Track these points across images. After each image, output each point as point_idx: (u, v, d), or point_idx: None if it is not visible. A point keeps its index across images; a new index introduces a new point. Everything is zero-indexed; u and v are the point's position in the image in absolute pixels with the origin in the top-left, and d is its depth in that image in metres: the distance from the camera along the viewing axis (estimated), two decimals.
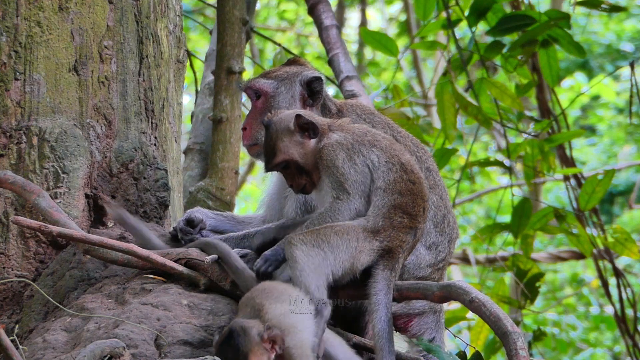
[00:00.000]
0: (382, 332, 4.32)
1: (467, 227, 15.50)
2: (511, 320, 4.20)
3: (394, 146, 4.66)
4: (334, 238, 4.40)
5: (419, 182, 4.58)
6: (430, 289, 4.41)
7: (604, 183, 7.34)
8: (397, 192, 4.50)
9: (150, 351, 4.23)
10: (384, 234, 4.46)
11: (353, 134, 4.66)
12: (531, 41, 7.27)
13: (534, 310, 9.17)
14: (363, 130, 4.69)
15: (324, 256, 4.37)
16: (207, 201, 7.30)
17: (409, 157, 4.66)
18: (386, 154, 4.59)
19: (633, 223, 16.59)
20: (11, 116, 5.09)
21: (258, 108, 5.12)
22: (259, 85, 5.13)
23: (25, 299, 4.94)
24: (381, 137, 4.68)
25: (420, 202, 4.54)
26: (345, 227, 4.44)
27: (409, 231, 4.49)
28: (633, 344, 8.26)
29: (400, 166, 4.56)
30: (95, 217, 5.14)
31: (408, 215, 4.49)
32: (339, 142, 4.62)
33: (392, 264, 4.44)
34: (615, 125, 18.18)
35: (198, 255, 4.66)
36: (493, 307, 4.23)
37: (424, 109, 10.72)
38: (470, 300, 4.28)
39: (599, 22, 18.34)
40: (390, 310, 4.37)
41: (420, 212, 4.54)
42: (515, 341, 4.14)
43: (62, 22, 5.16)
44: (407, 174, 4.55)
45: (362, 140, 4.62)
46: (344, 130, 4.68)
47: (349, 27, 19.95)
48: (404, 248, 4.48)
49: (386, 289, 4.40)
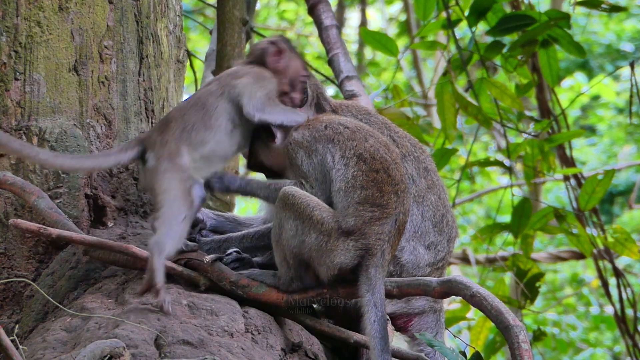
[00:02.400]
0: (374, 332, 4.30)
1: (467, 227, 15.50)
2: (513, 314, 4.19)
3: (356, 135, 4.52)
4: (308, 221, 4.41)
5: (384, 168, 4.44)
6: (430, 284, 4.39)
7: (604, 183, 7.34)
8: (359, 187, 4.40)
9: (150, 351, 4.23)
10: (357, 233, 4.38)
11: (312, 129, 4.58)
12: (531, 41, 7.26)
13: (534, 310, 9.17)
14: (325, 124, 4.59)
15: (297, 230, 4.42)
16: (207, 201, 7.30)
17: (372, 142, 4.52)
18: (341, 149, 4.48)
19: (633, 223, 16.60)
20: (11, 116, 5.09)
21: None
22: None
23: (25, 299, 4.94)
24: (343, 127, 4.56)
25: (388, 188, 4.42)
26: (320, 218, 4.42)
27: (385, 221, 4.39)
28: (633, 344, 8.26)
29: (358, 158, 4.44)
30: (95, 217, 5.14)
31: (378, 207, 4.39)
32: (297, 140, 4.57)
33: (375, 261, 4.37)
34: (615, 125, 18.18)
35: (198, 256, 4.66)
36: (494, 301, 4.23)
37: (424, 109, 10.72)
38: (471, 295, 4.27)
39: (599, 22, 18.34)
40: (381, 308, 4.32)
41: (392, 198, 4.42)
42: (517, 334, 4.14)
43: (62, 22, 5.16)
44: (366, 164, 4.43)
45: (319, 137, 4.54)
46: (305, 127, 4.61)
47: (349, 27, 19.96)
48: (385, 240, 4.39)
49: (373, 288, 4.35)
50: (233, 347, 4.33)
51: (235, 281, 4.57)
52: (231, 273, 4.58)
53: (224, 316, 4.45)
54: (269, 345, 4.46)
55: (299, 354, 4.56)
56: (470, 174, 11.05)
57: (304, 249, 4.43)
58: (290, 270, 4.48)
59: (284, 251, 4.48)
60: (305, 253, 4.44)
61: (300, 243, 4.43)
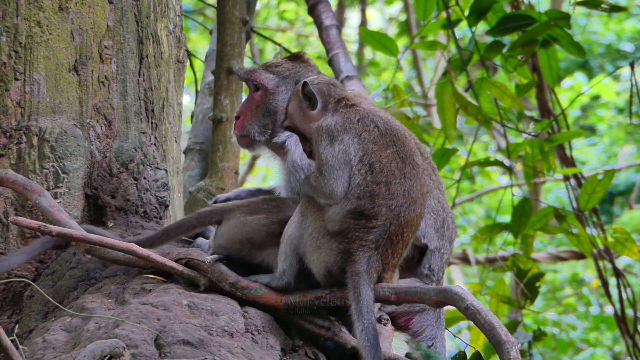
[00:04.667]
0: (362, 341, 4.28)
1: (467, 227, 15.51)
2: (505, 329, 4.16)
3: (380, 140, 4.52)
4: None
5: (386, 182, 4.44)
6: (427, 293, 4.38)
7: (604, 183, 7.34)
8: (355, 197, 4.41)
9: (150, 351, 4.23)
10: (340, 237, 4.40)
11: (345, 119, 4.57)
12: (531, 41, 7.27)
13: (534, 310, 9.17)
14: (358, 117, 4.57)
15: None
16: (207, 201, 7.30)
17: (390, 152, 4.50)
18: (363, 150, 4.48)
19: (633, 223, 16.60)
20: (11, 116, 5.09)
21: (255, 100, 5.08)
22: (260, 78, 5.08)
23: (25, 299, 4.94)
24: (373, 126, 4.54)
25: (382, 201, 4.42)
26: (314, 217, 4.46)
27: (371, 230, 4.40)
28: (633, 344, 8.26)
29: (370, 167, 4.45)
30: (95, 217, 5.14)
31: (364, 217, 4.40)
32: (327, 126, 4.55)
33: (358, 267, 4.37)
34: (615, 125, 18.19)
35: (198, 256, 4.66)
36: (488, 315, 4.20)
37: (424, 109, 10.73)
38: (465, 307, 4.25)
39: (599, 22, 18.34)
40: (368, 316, 4.30)
41: (382, 210, 4.42)
42: (509, 350, 4.11)
43: (62, 22, 5.16)
44: (373, 175, 4.44)
45: (349, 128, 4.53)
46: (340, 114, 4.60)
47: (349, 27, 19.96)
48: (370, 247, 4.39)
49: (358, 296, 4.33)
50: (233, 347, 4.33)
51: (234, 282, 4.57)
52: (231, 274, 4.58)
53: (224, 316, 4.45)
54: (269, 345, 4.46)
55: (299, 354, 4.56)
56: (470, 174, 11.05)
57: (301, 243, 4.49)
58: (284, 263, 4.53)
59: (285, 243, 4.53)
60: (301, 247, 4.49)
61: (300, 236, 4.49)
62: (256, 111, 5.03)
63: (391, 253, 4.45)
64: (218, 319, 4.43)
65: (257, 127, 5.04)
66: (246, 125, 5.06)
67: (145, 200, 5.24)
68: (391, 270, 4.49)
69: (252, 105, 5.06)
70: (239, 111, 5.09)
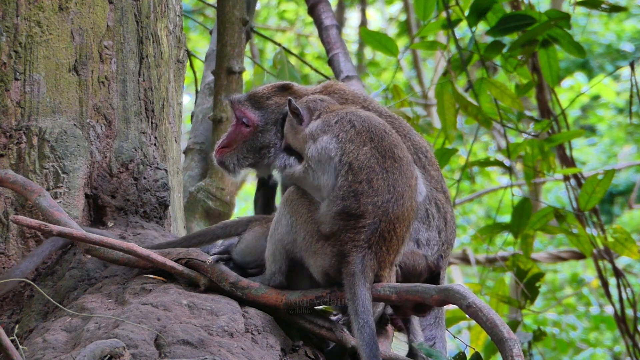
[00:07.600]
0: (359, 341, 4.29)
1: (467, 227, 15.51)
2: (508, 327, 4.17)
3: (357, 138, 4.53)
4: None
5: (368, 180, 4.44)
6: (428, 292, 4.39)
7: (604, 183, 7.34)
8: (340, 198, 4.43)
9: (150, 351, 4.23)
10: (333, 239, 4.41)
11: (325, 121, 4.63)
12: (531, 41, 7.27)
13: (534, 310, 9.17)
14: (336, 119, 4.61)
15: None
16: (207, 201, 7.31)
17: (367, 149, 4.51)
18: (341, 150, 4.50)
19: (633, 223, 16.61)
20: (11, 116, 5.09)
21: (242, 134, 5.07)
22: (249, 115, 5.06)
23: (25, 299, 4.94)
24: (350, 126, 4.56)
25: (367, 199, 4.42)
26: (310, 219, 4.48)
27: (361, 230, 4.41)
28: (633, 344, 8.26)
29: (349, 167, 4.46)
30: (95, 217, 5.14)
31: (353, 217, 4.41)
32: (310, 131, 4.63)
33: (352, 268, 4.38)
34: (615, 125, 18.19)
35: (198, 256, 4.67)
36: (490, 313, 4.20)
37: (424, 109, 10.74)
38: (467, 305, 4.26)
39: (599, 22, 18.35)
40: (364, 315, 4.30)
41: (369, 208, 4.42)
42: (512, 348, 4.11)
43: (62, 22, 5.16)
44: (353, 174, 4.45)
45: (328, 130, 4.58)
46: (320, 119, 4.66)
47: (349, 27, 19.97)
48: (363, 247, 4.40)
49: (353, 296, 4.35)
50: (233, 347, 4.33)
51: (235, 282, 4.57)
52: (231, 274, 4.59)
53: (224, 316, 4.45)
54: (269, 345, 4.46)
55: (299, 354, 4.56)
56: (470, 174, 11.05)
57: (295, 247, 4.50)
58: (274, 265, 4.55)
59: (275, 245, 4.55)
60: (297, 252, 4.50)
61: (293, 241, 4.50)
62: (242, 145, 5.04)
63: (386, 250, 4.45)
64: (218, 319, 4.43)
65: (237, 159, 5.06)
66: (226, 156, 5.06)
67: (145, 200, 5.24)
68: (388, 267, 4.48)
69: (239, 139, 5.06)
70: (228, 140, 5.06)
